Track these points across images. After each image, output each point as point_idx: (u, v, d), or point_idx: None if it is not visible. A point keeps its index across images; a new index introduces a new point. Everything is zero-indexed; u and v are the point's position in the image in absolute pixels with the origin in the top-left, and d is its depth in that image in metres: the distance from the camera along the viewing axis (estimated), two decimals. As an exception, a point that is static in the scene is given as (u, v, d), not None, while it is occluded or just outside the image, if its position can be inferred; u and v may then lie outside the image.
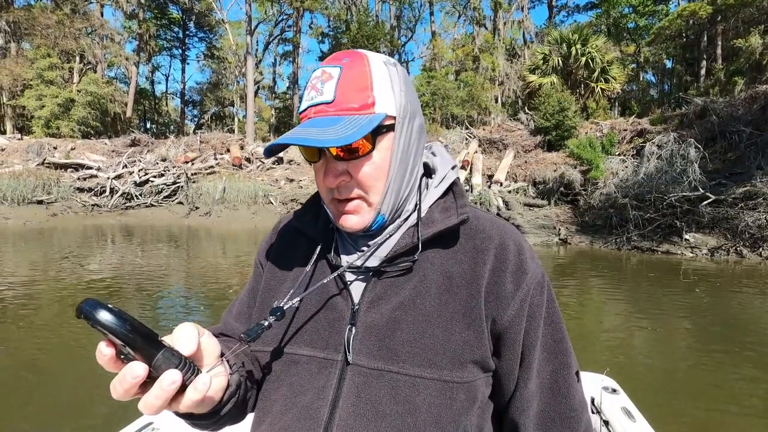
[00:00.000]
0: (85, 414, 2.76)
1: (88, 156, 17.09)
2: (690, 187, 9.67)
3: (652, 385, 3.31)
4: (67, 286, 6.07)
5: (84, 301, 0.42)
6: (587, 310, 5.58)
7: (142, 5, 29.32)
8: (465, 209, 0.65)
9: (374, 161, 0.61)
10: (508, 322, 0.62)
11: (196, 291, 6.24)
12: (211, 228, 13.03)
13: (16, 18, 24.21)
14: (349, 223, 0.63)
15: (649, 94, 29.88)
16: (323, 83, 0.60)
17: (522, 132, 15.81)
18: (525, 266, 0.64)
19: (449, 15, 31.13)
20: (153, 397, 0.45)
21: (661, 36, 22.62)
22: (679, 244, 9.28)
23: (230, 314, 0.78)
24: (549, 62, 17.28)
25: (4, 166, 15.89)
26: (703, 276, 7.25)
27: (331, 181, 0.61)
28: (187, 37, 35.68)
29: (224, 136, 20.80)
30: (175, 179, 15.74)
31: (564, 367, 0.65)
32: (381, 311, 0.62)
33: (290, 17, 29.90)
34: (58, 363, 3.56)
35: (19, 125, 23.63)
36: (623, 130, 13.98)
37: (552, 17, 31.51)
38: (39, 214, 13.54)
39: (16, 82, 22.49)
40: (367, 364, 0.59)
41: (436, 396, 0.58)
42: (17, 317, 4.62)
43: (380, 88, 0.60)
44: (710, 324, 4.87)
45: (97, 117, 23.42)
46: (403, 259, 0.63)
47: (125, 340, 0.42)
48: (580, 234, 10.77)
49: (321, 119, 0.59)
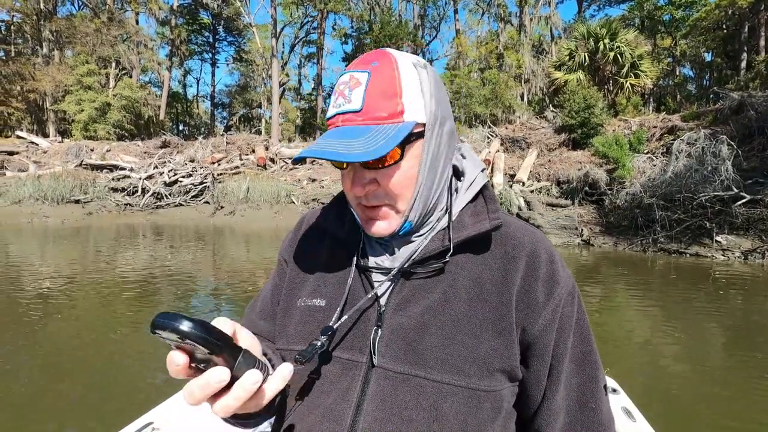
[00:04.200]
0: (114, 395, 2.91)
1: (122, 157, 17.89)
2: (722, 186, 9.19)
3: (670, 392, 3.18)
4: (105, 280, 6.38)
5: (159, 315, 0.41)
6: (607, 311, 5.41)
7: (175, 12, 30.43)
8: (497, 215, 0.64)
9: (403, 170, 0.59)
10: (539, 332, 0.61)
11: (224, 287, 6.44)
12: (234, 227, 13.38)
13: (59, 27, 25.62)
14: (377, 229, 0.62)
15: (687, 89, 28.59)
16: (351, 90, 0.58)
17: (546, 130, 15.44)
18: (557, 276, 0.63)
19: (473, 12, 30.73)
20: (233, 399, 0.45)
21: (698, 28, 21.59)
22: (709, 247, 8.84)
23: (253, 311, 0.77)
24: (575, 58, 16.80)
25: (45, 167, 16.86)
26: (734, 280, 6.89)
27: (358, 191, 0.60)
28: (216, 41, 36.85)
29: (250, 137, 21.31)
30: (202, 179, 16.26)
31: (592, 380, 0.64)
32: (409, 314, 0.61)
33: (315, 19, 30.30)
34: (89, 355, 3.77)
35: (61, 129, 25.00)
36: (653, 127, 13.44)
37: (582, 12, 30.63)
38: (75, 213, 14.28)
39: (58, 88, 23.79)
40: (392, 368, 0.59)
41: (463, 404, 0.57)
42: (60, 309, 4.91)
43: (409, 94, 0.58)
44: (738, 330, 4.63)
45: (131, 120, 24.49)
46: (433, 262, 0.62)
47: (209, 347, 0.42)
48: (604, 235, 10.43)
49: (349, 128, 0.57)
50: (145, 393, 3.03)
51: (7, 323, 4.45)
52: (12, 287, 5.87)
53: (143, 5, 27.89)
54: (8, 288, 5.82)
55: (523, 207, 11.74)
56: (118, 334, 4.22)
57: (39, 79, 23.85)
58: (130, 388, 3.13)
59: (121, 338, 4.12)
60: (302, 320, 0.66)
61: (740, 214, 8.90)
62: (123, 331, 4.30)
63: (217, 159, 17.84)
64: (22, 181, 15.29)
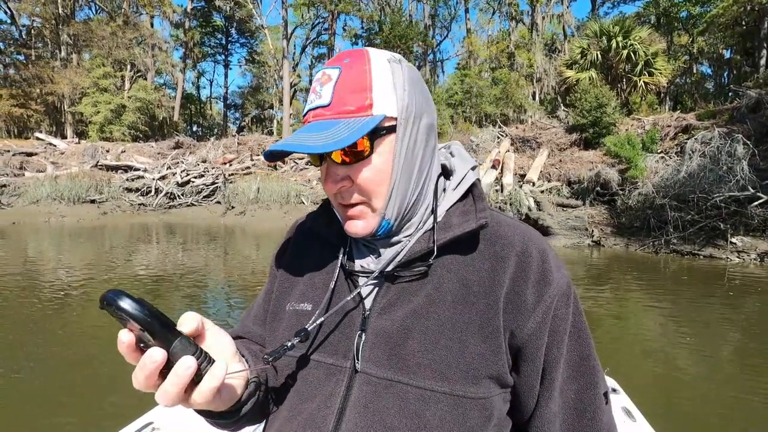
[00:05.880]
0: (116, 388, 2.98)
1: (137, 158, 18.23)
2: (738, 186, 8.97)
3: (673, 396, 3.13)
4: (119, 279, 6.52)
5: (107, 291, 0.43)
6: (616, 312, 5.34)
7: (188, 15, 30.89)
8: (484, 213, 0.61)
9: (374, 165, 0.58)
10: (528, 336, 0.58)
11: (235, 286, 6.53)
12: (245, 227, 13.53)
13: (77, 31, 26.22)
14: (354, 228, 0.61)
15: (704, 87, 27.96)
16: (322, 86, 0.58)
17: (557, 130, 15.27)
18: (549, 276, 0.59)
19: (484, 12, 30.55)
20: (170, 385, 0.45)
21: (716, 24, 21.08)
22: (724, 248, 8.64)
23: (249, 317, 0.77)
24: (587, 56, 16.57)
25: (63, 168, 17.27)
26: (749, 282, 6.72)
27: (331, 187, 0.60)
28: (229, 43, 37.24)
29: (261, 137, 21.54)
30: (213, 180, 16.48)
31: (591, 386, 0.61)
32: (392, 318, 0.59)
33: (325, 20, 30.46)
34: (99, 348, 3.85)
35: (78, 130, 25.57)
36: (667, 126, 13.18)
37: (595, 9, 30.17)
38: (91, 213, 14.60)
39: (75, 90, 24.34)
40: (375, 373, 0.57)
41: (448, 411, 0.55)
42: (75, 307, 5.03)
43: (380, 89, 0.58)
44: (751, 334, 4.52)
45: (146, 122, 24.93)
46: (418, 264, 0.61)
47: (144, 325, 0.43)
48: (615, 236, 10.27)
49: (318, 123, 0.57)
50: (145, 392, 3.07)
51: (23, 321, 4.58)
52: (30, 285, 6.03)
53: (158, 8, 28.35)
54: (27, 285, 5.98)
55: (533, 207, 11.63)
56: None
57: (57, 81, 24.44)
58: (130, 387, 3.18)
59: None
60: (289, 325, 0.66)
61: (756, 215, 8.68)
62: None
63: (229, 159, 18.06)
64: (40, 181, 15.70)
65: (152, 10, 28.45)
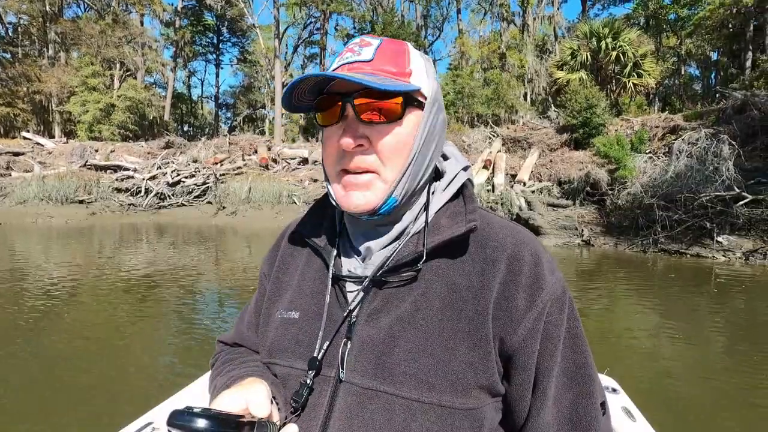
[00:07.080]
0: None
1: (126, 158, 18.03)
2: (724, 186, 9.13)
3: (670, 394, 3.18)
4: (108, 280, 6.44)
5: (174, 415, 0.44)
6: (607, 311, 5.40)
7: (179, 13, 30.62)
8: (474, 215, 0.59)
9: (399, 132, 0.56)
10: (518, 343, 0.55)
11: (226, 286, 6.49)
12: (237, 227, 13.45)
13: (65, 29, 25.86)
14: (356, 200, 0.57)
15: (692, 89, 28.36)
16: (362, 47, 0.58)
17: (547, 130, 15.39)
18: (541, 280, 0.57)
19: (475, 13, 30.69)
20: None
21: (703, 27, 21.42)
22: (710, 247, 8.78)
23: (242, 323, 0.77)
24: (577, 58, 16.73)
25: (51, 168, 17.02)
26: (735, 280, 6.84)
27: (349, 143, 0.55)
28: (221, 42, 37.02)
29: (252, 137, 21.42)
30: (204, 180, 16.35)
31: (586, 395, 0.57)
32: (379, 325, 0.57)
33: (317, 20, 30.39)
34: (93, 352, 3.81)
35: (66, 130, 25.23)
36: (655, 127, 13.35)
37: (585, 11, 30.44)
38: (79, 213, 14.40)
39: (63, 89, 24.01)
40: (360, 383, 0.55)
41: (435, 422, 0.52)
42: (64, 309, 4.97)
43: (417, 67, 0.59)
44: (737, 331, 4.60)
45: (136, 121, 24.66)
46: (407, 269, 0.58)
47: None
48: (605, 236, 10.39)
49: (356, 74, 0.55)
50: (146, 393, 3.05)
51: (13, 324, 4.51)
52: (17, 287, 5.94)
53: (148, 7, 28.07)
54: (14, 288, 5.89)
55: (524, 207, 11.72)
56: (120, 334, 4.26)
57: (45, 80, 24.10)
58: (130, 387, 3.16)
59: (123, 338, 4.16)
60: (278, 333, 0.65)
61: (742, 215, 8.84)
62: (126, 331, 4.34)
63: (220, 159, 17.93)
64: (27, 181, 15.46)
65: (142, 8, 28.14)
